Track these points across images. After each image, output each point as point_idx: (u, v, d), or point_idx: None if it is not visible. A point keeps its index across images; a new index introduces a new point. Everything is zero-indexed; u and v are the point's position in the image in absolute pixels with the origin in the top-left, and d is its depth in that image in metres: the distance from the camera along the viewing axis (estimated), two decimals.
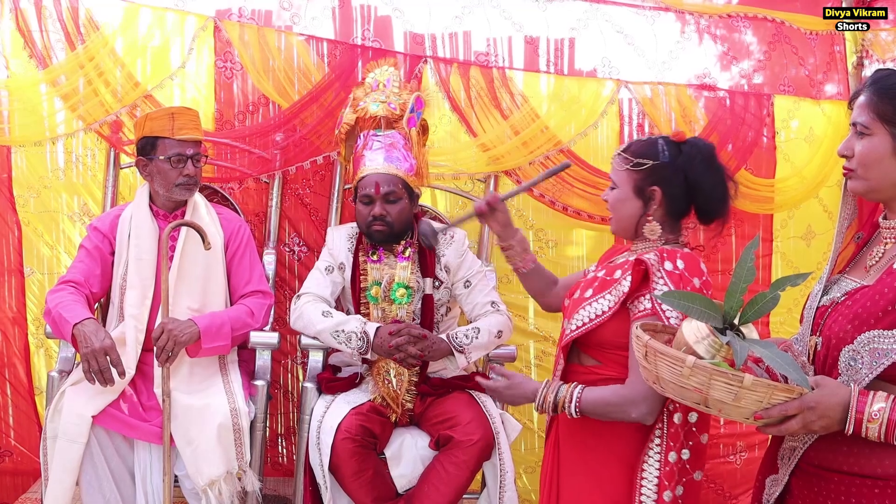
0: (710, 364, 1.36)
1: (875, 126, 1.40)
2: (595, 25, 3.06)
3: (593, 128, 3.03)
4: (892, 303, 1.34)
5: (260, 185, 2.91)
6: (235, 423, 2.26)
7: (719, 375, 1.33)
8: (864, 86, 1.44)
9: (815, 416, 1.32)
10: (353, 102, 2.58)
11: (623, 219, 1.82)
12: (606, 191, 1.86)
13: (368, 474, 2.29)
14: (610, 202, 1.83)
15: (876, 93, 1.41)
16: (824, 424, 1.33)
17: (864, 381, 1.35)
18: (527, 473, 3.17)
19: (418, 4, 2.93)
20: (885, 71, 1.43)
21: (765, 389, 1.32)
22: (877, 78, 1.43)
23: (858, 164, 1.43)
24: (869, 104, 1.41)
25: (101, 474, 2.25)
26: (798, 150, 3.29)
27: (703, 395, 1.37)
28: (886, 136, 1.39)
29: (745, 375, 1.32)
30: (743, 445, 3.25)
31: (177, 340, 2.27)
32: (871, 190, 1.44)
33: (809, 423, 1.32)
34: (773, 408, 1.33)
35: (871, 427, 1.29)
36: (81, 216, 2.86)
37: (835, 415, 1.32)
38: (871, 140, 1.41)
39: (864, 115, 1.42)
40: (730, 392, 1.33)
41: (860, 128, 1.42)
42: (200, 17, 2.78)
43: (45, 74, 2.67)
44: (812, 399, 1.32)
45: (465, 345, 2.42)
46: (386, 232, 2.46)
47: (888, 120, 1.39)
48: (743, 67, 3.26)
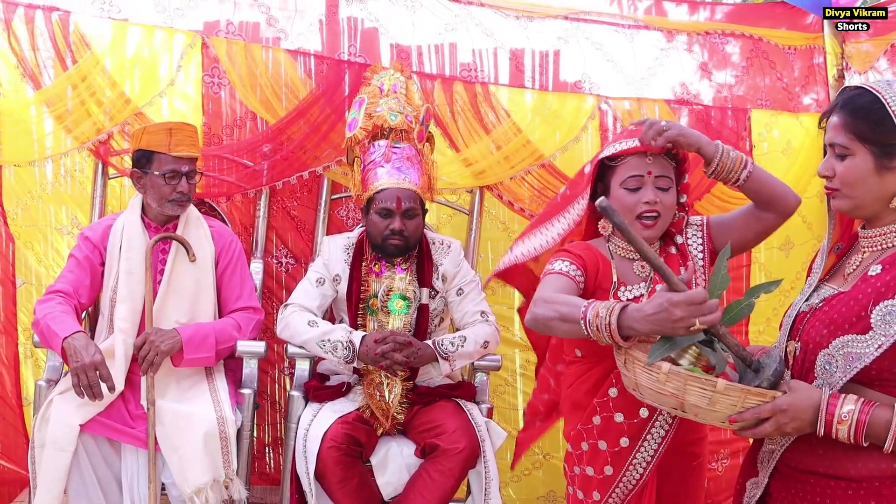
0: (685, 370, 1.41)
1: (854, 146, 1.42)
2: (575, 43, 3.13)
3: (574, 142, 3.08)
4: (865, 308, 1.37)
5: (247, 197, 2.94)
6: (222, 430, 2.28)
7: (693, 381, 1.39)
8: (835, 106, 1.46)
9: (787, 418, 1.36)
10: (367, 107, 2.59)
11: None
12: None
13: (354, 482, 2.31)
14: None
15: (850, 114, 1.43)
16: (796, 426, 1.37)
17: (837, 384, 1.38)
18: (513, 482, 3.19)
19: (403, 20, 2.98)
20: (855, 90, 1.46)
21: (738, 394, 1.37)
22: (848, 98, 1.45)
23: (842, 184, 1.46)
24: (844, 125, 1.43)
25: (88, 482, 2.26)
26: (776, 163, 3.34)
27: (679, 401, 1.42)
28: (867, 154, 1.41)
29: (718, 380, 1.37)
30: (727, 452, 3.28)
31: (158, 350, 2.30)
32: (856, 207, 1.46)
33: (782, 425, 1.37)
34: (746, 411, 1.38)
35: (840, 429, 1.33)
36: (71, 229, 2.88)
37: (806, 417, 1.36)
38: (853, 160, 1.43)
39: (840, 136, 1.44)
40: (704, 396, 1.38)
41: (839, 149, 1.45)
42: (189, 34, 2.82)
43: (37, 96, 2.71)
44: (784, 402, 1.36)
45: (450, 352, 2.45)
46: (402, 246, 2.49)
47: (866, 139, 1.41)
48: (721, 82, 3.33)
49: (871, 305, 1.37)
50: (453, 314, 2.63)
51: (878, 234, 1.46)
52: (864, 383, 1.38)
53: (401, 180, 2.49)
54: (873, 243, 1.47)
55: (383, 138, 2.57)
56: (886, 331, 1.34)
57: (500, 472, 2.46)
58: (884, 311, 1.35)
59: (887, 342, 1.34)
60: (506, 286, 3.17)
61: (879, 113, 1.40)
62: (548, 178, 3.05)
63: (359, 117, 2.60)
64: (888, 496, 1.34)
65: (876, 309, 1.36)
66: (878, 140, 1.40)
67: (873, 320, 1.35)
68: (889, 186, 1.42)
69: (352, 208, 3.05)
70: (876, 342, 1.35)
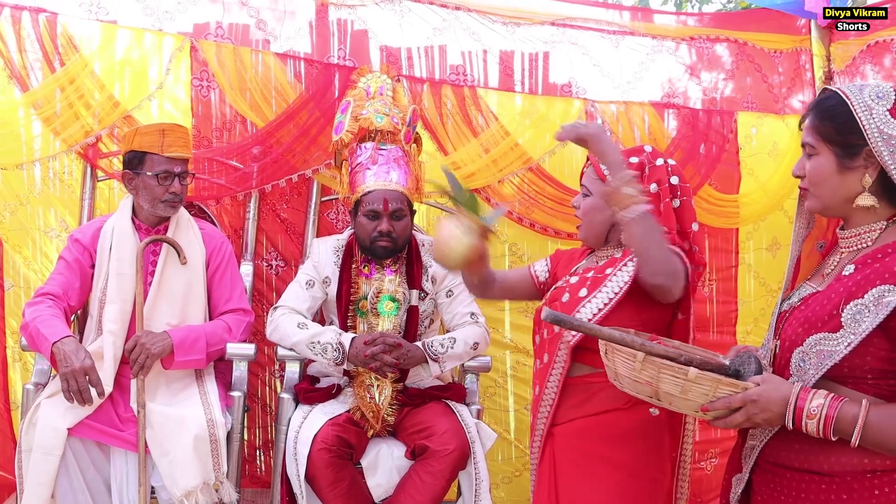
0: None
1: (819, 146, 1.48)
2: (562, 48, 3.15)
3: (562, 146, 3.10)
4: (837, 307, 1.40)
5: (236, 199, 2.94)
6: (212, 433, 2.28)
7: (666, 369, 1.41)
8: (809, 108, 1.52)
9: (757, 409, 1.39)
10: (353, 110, 2.61)
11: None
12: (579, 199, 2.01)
13: (345, 484, 2.31)
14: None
15: (818, 115, 1.49)
16: (766, 417, 1.39)
17: (810, 381, 1.41)
18: (504, 484, 3.20)
19: (392, 23, 3.00)
20: (827, 92, 1.51)
21: (710, 383, 1.40)
22: (818, 100, 1.51)
23: (809, 183, 1.51)
24: (812, 126, 1.49)
25: (76, 486, 2.25)
26: (762, 165, 3.38)
27: (654, 389, 1.45)
28: (830, 154, 1.47)
29: (690, 369, 1.40)
30: (716, 452, 3.31)
31: (149, 353, 2.30)
32: (825, 207, 1.51)
33: (752, 415, 1.39)
34: (717, 401, 1.41)
35: (809, 423, 1.35)
36: (59, 232, 2.87)
37: (776, 409, 1.38)
38: (818, 159, 1.48)
39: (809, 136, 1.50)
40: (677, 385, 1.41)
41: (808, 149, 1.51)
42: (178, 37, 2.82)
43: (25, 98, 2.69)
44: (755, 393, 1.39)
45: (439, 354, 2.46)
46: (390, 248, 2.50)
47: (830, 140, 1.46)
48: (707, 86, 3.37)
49: (842, 304, 1.39)
50: (443, 316, 2.64)
51: (854, 235, 1.50)
52: (837, 380, 1.40)
53: (387, 182, 2.50)
54: (849, 244, 1.51)
55: (370, 140, 2.57)
56: (856, 329, 1.36)
57: (491, 474, 2.46)
58: (854, 311, 1.37)
59: (856, 340, 1.36)
60: None
61: (844, 115, 1.44)
62: (536, 181, 3.07)
63: (345, 121, 2.61)
64: (859, 489, 1.37)
65: (847, 308, 1.39)
66: (840, 141, 1.45)
67: (844, 319, 1.38)
68: (850, 186, 1.46)
69: (341, 211, 3.05)
70: (846, 340, 1.37)
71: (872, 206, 1.45)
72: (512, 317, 3.21)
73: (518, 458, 3.20)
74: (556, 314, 1.51)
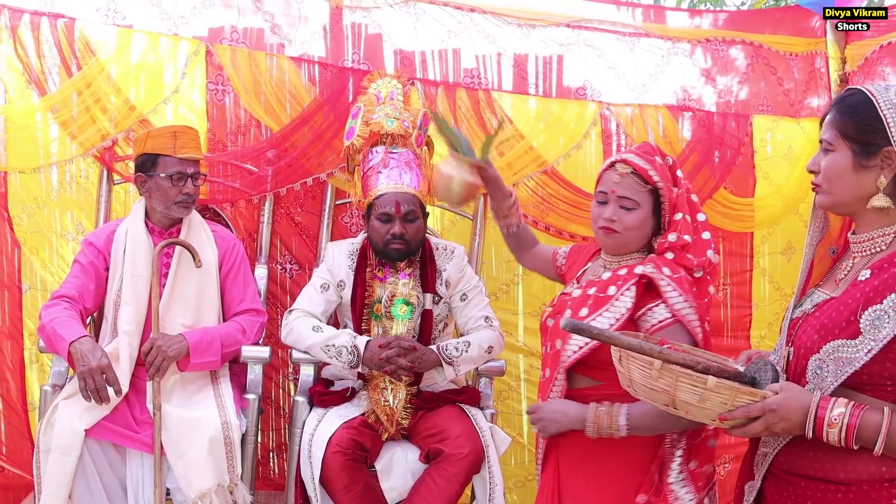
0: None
1: (837, 142, 1.47)
2: (577, 50, 3.14)
3: (576, 149, 3.10)
4: (854, 313, 1.38)
5: (251, 203, 2.95)
6: (227, 436, 2.29)
7: (685, 377, 1.39)
8: (833, 104, 1.52)
9: (776, 418, 1.37)
10: (364, 115, 2.62)
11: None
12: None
13: (359, 487, 2.31)
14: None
15: (839, 111, 1.48)
16: (785, 427, 1.38)
17: (829, 388, 1.39)
18: (517, 488, 3.19)
19: (406, 26, 3.00)
20: (851, 89, 1.50)
21: (728, 392, 1.38)
22: (841, 97, 1.51)
23: (823, 179, 1.50)
24: (833, 122, 1.49)
25: (93, 487, 2.27)
26: (777, 168, 3.37)
27: (670, 397, 1.43)
28: (847, 150, 1.46)
29: (708, 377, 1.38)
30: (729, 457, 3.29)
31: (165, 355, 2.31)
32: (836, 204, 1.50)
33: (771, 424, 1.38)
34: (736, 409, 1.39)
35: (831, 432, 1.34)
36: (76, 235, 2.90)
37: (796, 418, 1.36)
38: (834, 155, 1.48)
39: (828, 132, 1.49)
40: (695, 394, 1.39)
41: (825, 144, 1.50)
42: (193, 41, 2.84)
43: (42, 102, 2.72)
44: (774, 402, 1.37)
45: (454, 357, 2.46)
46: (404, 251, 2.50)
47: (848, 136, 1.45)
48: (722, 89, 3.35)
49: (860, 310, 1.38)
50: (457, 319, 2.64)
51: (867, 240, 1.48)
52: (856, 388, 1.39)
53: (399, 185, 2.51)
54: (863, 248, 1.49)
55: (381, 144, 2.58)
56: (875, 335, 1.35)
57: (504, 478, 2.46)
58: (872, 316, 1.36)
59: (877, 347, 1.34)
60: (510, 291, 3.19)
61: (867, 113, 1.43)
62: (551, 184, 3.07)
63: (356, 126, 2.63)
64: (877, 499, 1.35)
65: (865, 314, 1.37)
66: (860, 139, 1.44)
67: (863, 325, 1.37)
68: (865, 186, 1.45)
69: (355, 214, 3.06)
70: (866, 347, 1.36)
71: (886, 207, 1.44)
72: (526, 321, 3.21)
73: (531, 462, 3.19)
74: (575, 322, 1.50)
